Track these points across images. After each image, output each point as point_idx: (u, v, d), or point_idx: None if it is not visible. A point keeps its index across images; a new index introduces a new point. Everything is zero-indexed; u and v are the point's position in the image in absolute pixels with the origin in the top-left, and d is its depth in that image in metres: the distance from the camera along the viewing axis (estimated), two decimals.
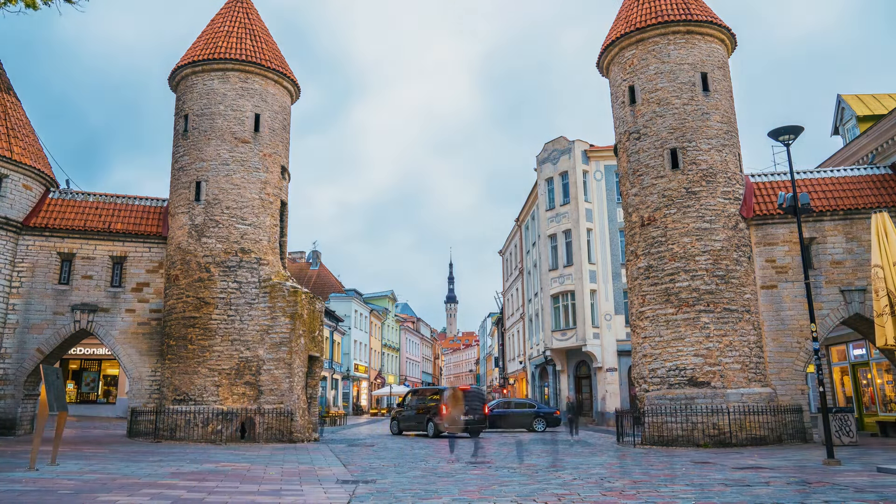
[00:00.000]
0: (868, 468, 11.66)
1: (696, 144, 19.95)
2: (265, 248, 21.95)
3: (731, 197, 19.88)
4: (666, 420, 18.32)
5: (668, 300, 19.26)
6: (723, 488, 9.28)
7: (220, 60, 22.47)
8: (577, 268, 36.13)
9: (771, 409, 18.24)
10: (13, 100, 22.88)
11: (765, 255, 20.04)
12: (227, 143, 22.11)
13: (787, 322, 19.49)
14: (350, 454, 16.38)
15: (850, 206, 19.97)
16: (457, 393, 19.71)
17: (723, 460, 13.60)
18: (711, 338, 18.63)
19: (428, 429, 25.85)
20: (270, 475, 11.28)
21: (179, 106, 23.24)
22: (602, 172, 37.35)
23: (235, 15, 24.03)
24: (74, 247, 22.07)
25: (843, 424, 17.47)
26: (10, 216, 21.36)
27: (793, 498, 8.28)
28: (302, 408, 21.19)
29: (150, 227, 22.76)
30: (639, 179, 20.62)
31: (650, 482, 10.12)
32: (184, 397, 20.30)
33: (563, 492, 9.14)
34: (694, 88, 20.31)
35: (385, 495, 8.93)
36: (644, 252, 20.12)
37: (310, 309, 22.33)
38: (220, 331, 20.70)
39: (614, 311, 35.73)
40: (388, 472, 11.91)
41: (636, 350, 20.32)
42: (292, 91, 24.32)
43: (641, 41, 21.02)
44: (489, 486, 9.74)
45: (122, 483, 9.81)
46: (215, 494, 8.79)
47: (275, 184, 22.82)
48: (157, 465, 12.76)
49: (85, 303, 21.68)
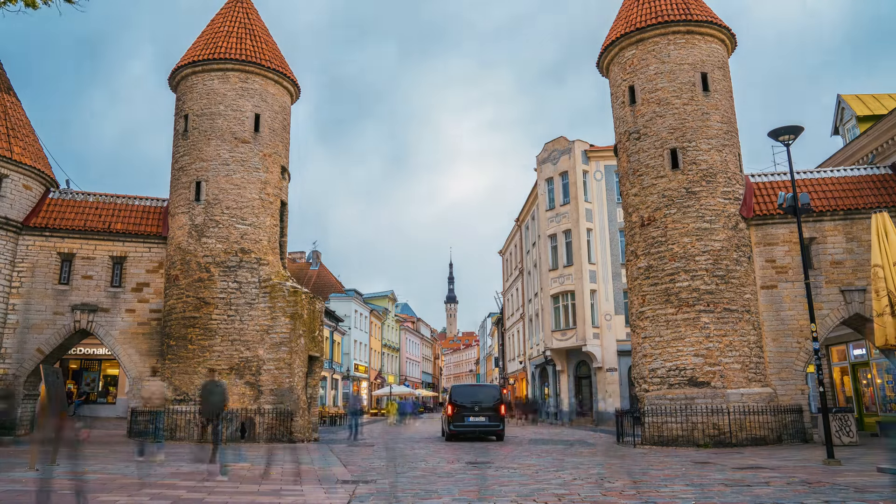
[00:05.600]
0: (868, 468, 11.65)
1: (696, 144, 19.95)
2: (265, 248, 21.95)
3: (731, 197, 19.88)
4: (666, 420, 18.32)
5: (668, 300, 19.26)
6: (723, 488, 9.27)
7: (220, 60, 22.47)
8: (577, 268, 36.12)
9: (771, 409, 18.24)
10: (13, 100, 22.88)
11: (765, 255, 20.03)
12: (227, 143, 22.11)
13: (787, 322, 19.48)
14: (350, 454, 16.38)
15: (850, 206, 19.97)
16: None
17: (723, 460, 13.60)
18: (711, 338, 18.62)
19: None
20: (270, 475, 11.28)
21: (179, 106, 23.24)
22: (602, 172, 37.34)
23: (235, 15, 24.04)
24: (74, 247, 22.06)
25: (843, 424, 17.46)
26: (10, 216, 21.36)
27: (793, 498, 8.28)
28: (302, 408, 21.19)
29: (150, 227, 22.76)
30: (639, 179, 20.62)
31: (650, 482, 10.12)
32: (184, 397, 20.30)
33: (563, 492, 9.14)
34: (694, 88, 20.30)
35: (385, 495, 8.93)
36: (644, 252, 20.11)
37: (310, 309, 22.33)
38: (220, 331, 20.69)
39: (614, 311, 35.71)
40: (388, 472, 11.91)
41: (636, 350, 20.31)
42: (292, 91, 24.32)
43: (641, 41, 21.02)
44: (489, 486, 9.74)
45: (122, 483, 9.81)
46: (215, 494, 8.79)
47: (275, 184, 22.82)
48: (157, 465, 12.76)
49: (85, 303, 21.68)
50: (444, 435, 23.29)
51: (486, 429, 21.65)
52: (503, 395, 25.43)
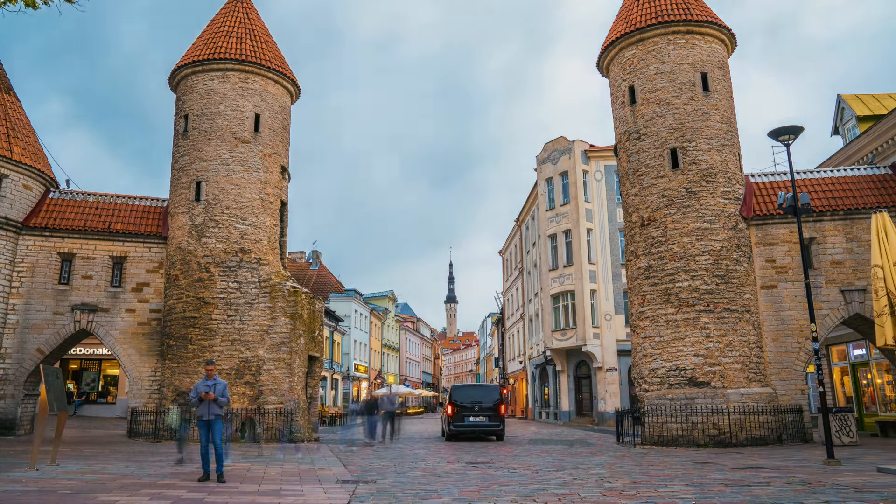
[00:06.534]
0: (868, 468, 11.65)
1: (696, 144, 19.95)
2: (265, 248, 21.95)
3: (731, 197, 19.88)
4: (666, 420, 18.32)
5: (668, 300, 19.26)
6: (723, 488, 9.27)
7: (220, 60, 22.47)
8: (577, 268, 36.12)
9: (771, 409, 18.23)
10: (13, 100, 22.88)
11: (765, 255, 20.03)
12: (227, 143, 22.11)
13: (787, 322, 19.48)
14: (350, 454, 16.38)
15: (850, 206, 19.97)
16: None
17: (723, 460, 13.60)
18: (711, 338, 18.62)
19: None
20: (270, 475, 11.28)
21: (179, 106, 23.24)
22: (602, 172, 37.34)
23: (235, 15, 24.04)
24: (74, 247, 22.06)
25: (843, 424, 17.46)
26: (10, 216, 21.36)
27: (793, 498, 8.28)
28: (302, 408, 21.20)
29: (150, 227, 22.76)
30: (639, 179, 20.62)
31: (650, 482, 10.12)
32: (184, 397, 20.29)
33: (563, 492, 9.14)
34: (694, 88, 20.30)
35: (385, 495, 8.93)
36: (644, 252, 20.11)
37: (310, 309, 22.33)
38: (220, 331, 20.70)
39: (614, 311, 35.71)
40: (388, 472, 11.91)
41: (636, 350, 20.31)
42: (292, 91, 24.32)
43: (641, 41, 21.02)
44: (489, 486, 9.74)
45: (122, 483, 9.81)
46: (215, 494, 8.79)
47: (275, 184, 22.81)
48: (157, 465, 12.77)
49: (85, 303, 21.68)
50: (444, 435, 23.31)
51: (486, 429, 21.68)
52: (503, 395, 25.32)
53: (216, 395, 10.17)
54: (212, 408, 10.20)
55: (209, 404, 10.18)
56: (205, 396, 10.13)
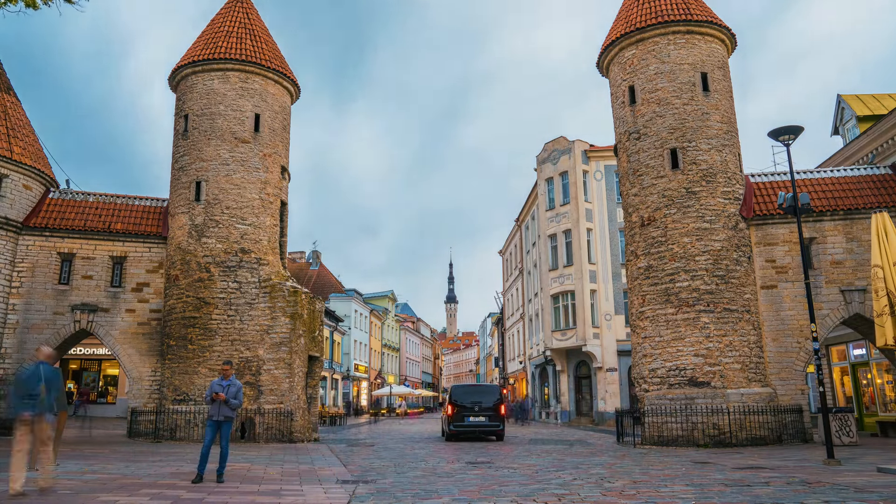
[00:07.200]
0: (868, 468, 11.65)
1: (696, 144, 19.95)
2: (265, 248, 21.95)
3: (731, 197, 19.88)
4: (666, 420, 18.32)
5: (668, 300, 19.26)
6: (723, 488, 9.28)
7: (220, 60, 22.46)
8: (577, 268, 36.12)
9: (771, 409, 18.24)
10: (13, 100, 22.88)
11: (765, 255, 20.03)
12: (227, 143, 22.11)
13: (787, 322, 19.48)
14: (350, 454, 16.38)
15: (850, 206, 19.97)
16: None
17: (723, 460, 13.60)
18: (711, 338, 18.62)
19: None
20: (270, 475, 11.28)
21: (179, 106, 23.24)
22: (602, 172, 37.35)
23: (235, 15, 24.03)
24: (74, 247, 22.06)
25: (843, 424, 17.46)
26: (10, 216, 21.36)
27: (793, 498, 8.28)
28: (302, 408, 21.20)
29: (150, 227, 22.75)
30: (639, 179, 20.62)
31: (650, 482, 10.12)
32: (184, 397, 20.30)
33: (563, 492, 9.14)
34: (694, 88, 20.30)
35: (385, 495, 8.93)
36: (644, 252, 20.11)
37: (310, 309, 22.33)
38: (220, 331, 20.69)
39: (614, 311, 35.72)
40: (388, 472, 11.91)
41: (636, 350, 20.31)
42: (292, 91, 24.32)
43: (641, 41, 21.02)
44: (489, 486, 9.74)
45: (122, 483, 9.81)
46: (215, 494, 8.80)
47: (275, 184, 22.81)
48: (158, 465, 12.77)
49: (85, 303, 21.68)
50: (444, 435, 23.31)
51: (486, 429, 21.73)
52: (503, 395, 25.41)
53: (229, 396, 10.21)
54: (223, 409, 10.24)
55: (220, 405, 10.22)
56: (216, 397, 10.17)
